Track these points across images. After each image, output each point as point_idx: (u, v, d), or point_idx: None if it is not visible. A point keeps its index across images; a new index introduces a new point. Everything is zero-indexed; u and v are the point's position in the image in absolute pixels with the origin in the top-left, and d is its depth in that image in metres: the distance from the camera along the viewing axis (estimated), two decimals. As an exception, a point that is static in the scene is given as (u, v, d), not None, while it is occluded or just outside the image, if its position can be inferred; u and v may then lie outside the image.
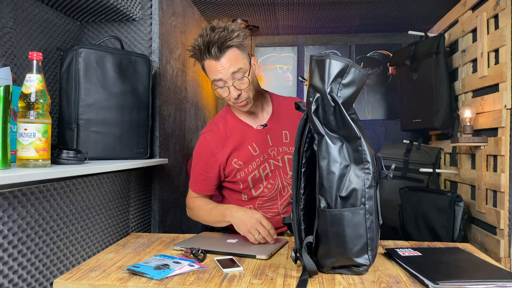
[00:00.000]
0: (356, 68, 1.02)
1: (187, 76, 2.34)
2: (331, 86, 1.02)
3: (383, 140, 3.16)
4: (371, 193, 1.03)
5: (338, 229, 1.02)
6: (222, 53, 1.32)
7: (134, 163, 1.49)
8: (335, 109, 1.02)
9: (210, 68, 1.36)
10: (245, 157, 1.48)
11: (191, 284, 1.02)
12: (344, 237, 1.02)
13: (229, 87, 1.36)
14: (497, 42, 1.76)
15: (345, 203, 1.02)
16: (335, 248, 1.03)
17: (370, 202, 1.02)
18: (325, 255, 1.06)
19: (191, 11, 2.44)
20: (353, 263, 1.05)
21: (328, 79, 1.02)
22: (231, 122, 1.51)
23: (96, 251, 1.33)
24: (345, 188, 1.02)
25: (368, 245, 1.03)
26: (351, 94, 1.04)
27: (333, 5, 2.51)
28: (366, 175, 1.02)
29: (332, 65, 1.01)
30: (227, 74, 1.33)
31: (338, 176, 1.02)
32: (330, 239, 1.03)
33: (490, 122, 1.82)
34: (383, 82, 3.18)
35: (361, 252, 1.03)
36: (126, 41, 1.82)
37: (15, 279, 0.96)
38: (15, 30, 1.43)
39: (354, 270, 1.07)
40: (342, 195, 1.02)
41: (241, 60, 1.35)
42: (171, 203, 2.03)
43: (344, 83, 1.02)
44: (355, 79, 1.03)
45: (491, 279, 1.01)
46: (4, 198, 0.93)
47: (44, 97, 1.06)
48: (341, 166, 1.03)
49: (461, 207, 1.97)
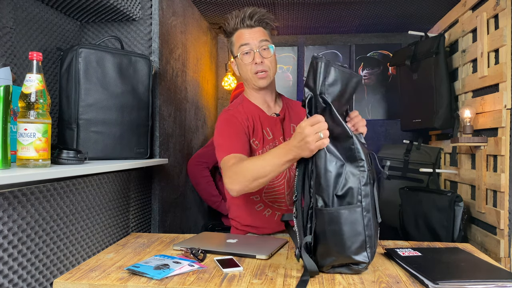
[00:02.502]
0: (334, 67, 1.06)
1: (187, 76, 2.34)
2: (321, 87, 1.06)
3: (383, 140, 3.16)
4: (367, 191, 1.04)
5: (335, 227, 1.03)
6: (255, 25, 1.49)
7: (134, 163, 1.49)
8: (326, 109, 1.06)
9: (240, 36, 1.49)
10: (262, 139, 1.52)
11: (191, 284, 1.02)
12: (342, 236, 1.03)
13: (254, 52, 1.47)
14: (497, 42, 1.76)
15: (341, 201, 1.04)
16: (334, 247, 1.04)
17: (366, 199, 1.04)
18: (324, 254, 1.07)
19: (191, 11, 2.44)
20: (352, 261, 1.05)
21: (319, 80, 1.06)
22: (248, 107, 1.56)
23: (96, 251, 1.33)
24: (341, 186, 1.04)
25: (367, 242, 1.04)
26: (338, 93, 1.08)
27: (333, 5, 2.51)
28: (361, 173, 1.04)
29: (322, 67, 1.06)
30: (255, 41, 1.47)
31: (335, 175, 1.04)
32: (328, 238, 1.04)
33: (490, 122, 1.82)
34: (383, 82, 3.18)
35: (360, 249, 1.04)
36: (126, 41, 1.82)
37: (15, 279, 0.96)
38: (15, 30, 1.43)
39: (354, 268, 1.08)
40: (338, 194, 1.04)
41: (268, 37, 1.51)
42: (171, 203, 2.03)
43: (328, 83, 1.06)
44: (337, 78, 1.07)
45: (491, 279, 1.01)
46: (4, 198, 0.93)
47: (44, 97, 1.06)
48: (337, 165, 1.05)
49: (461, 207, 1.97)
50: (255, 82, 1.50)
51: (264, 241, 1.40)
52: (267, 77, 1.50)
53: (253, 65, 1.48)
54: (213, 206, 2.49)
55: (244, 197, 1.52)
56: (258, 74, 1.48)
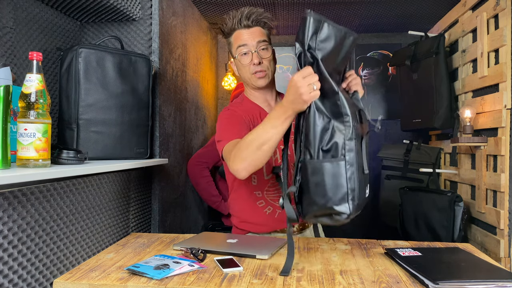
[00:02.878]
0: (329, 24, 1.08)
1: (187, 76, 2.34)
2: (309, 43, 1.07)
3: (383, 140, 3.16)
4: (352, 145, 1.06)
5: (318, 178, 1.06)
6: (253, 25, 1.48)
7: (134, 163, 1.49)
8: (314, 64, 1.08)
9: (238, 37, 1.49)
10: None
11: (191, 284, 1.02)
12: (324, 186, 1.05)
13: (252, 53, 1.47)
14: (497, 42, 1.76)
15: (326, 155, 1.07)
16: (316, 197, 1.07)
17: (350, 153, 1.06)
18: (308, 204, 1.10)
19: (191, 11, 2.44)
20: (334, 211, 1.07)
21: (307, 36, 1.07)
22: (248, 106, 1.56)
23: (96, 251, 1.33)
24: (327, 141, 1.06)
25: (349, 194, 1.05)
26: (331, 49, 1.09)
27: (333, 5, 2.51)
28: (347, 128, 1.06)
29: (311, 22, 1.07)
30: (253, 41, 1.47)
31: (321, 129, 1.07)
32: (311, 188, 1.07)
33: (490, 122, 1.82)
34: (383, 82, 3.18)
35: (342, 201, 1.06)
36: (126, 41, 1.82)
37: (15, 279, 0.96)
38: (15, 30, 1.43)
39: (335, 218, 1.09)
40: (324, 148, 1.06)
41: (266, 37, 1.51)
42: (171, 203, 2.03)
43: (320, 40, 1.07)
44: (330, 35, 1.08)
45: (491, 279, 1.01)
46: (4, 198, 0.93)
47: (44, 97, 1.06)
48: (324, 121, 1.07)
49: (461, 207, 1.97)
50: (254, 82, 1.52)
51: (264, 241, 1.40)
52: (266, 76, 1.51)
53: (252, 66, 1.48)
54: (213, 206, 2.50)
55: (247, 191, 1.53)
56: (257, 74, 1.49)
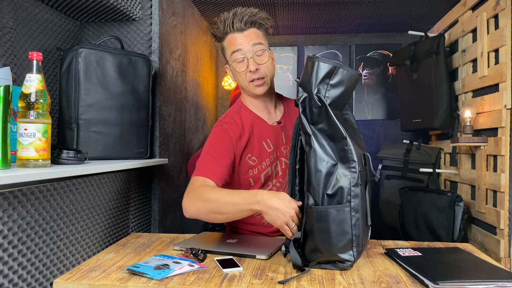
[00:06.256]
0: (344, 69, 1.07)
1: (187, 76, 2.34)
2: (318, 87, 1.06)
3: (383, 140, 3.16)
4: (357, 192, 1.05)
5: (323, 225, 1.05)
6: (247, 27, 1.36)
7: (134, 163, 1.49)
8: (322, 109, 1.07)
9: (231, 41, 1.38)
10: (260, 153, 1.43)
11: (191, 284, 1.02)
12: (329, 233, 1.05)
13: (248, 59, 1.35)
14: (497, 42, 1.76)
15: (331, 200, 1.05)
16: (321, 244, 1.07)
17: (356, 200, 1.05)
18: (312, 251, 1.10)
19: (191, 11, 2.44)
20: (338, 258, 1.08)
21: (316, 80, 1.06)
22: (246, 116, 1.45)
23: (96, 251, 1.33)
24: (331, 186, 1.05)
25: (353, 241, 1.05)
26: (340, 94, 1.08)
27: (333, 5, 2.51)
28: (352, 173, 1.05)
29: (320, 67, 1.06)
30: (248, 46, 1.35)
31: (325, 174, 1.06)
32: (316, 235, 1.06)
33: (490, 122, 1.82)
34: (383, 82, 3.18)
35: (346, 248, 1.06)
36: (126, 41, 1.82)
37: (15, 279, 0.96)
38: (15, 30, 1.43)
39: (339, 265, 1.10)
40: (328, 193, 1.05)
41: (262, 39, 1.39)
42: (171, 203, 2.03)
43: (332, 84, 1.07)
44: (343, 79, 1.07)
45: (491, 279, 1.01)
46: (4, 198, 0.93)
47: (44, 97, 1.06)
48: (328, 165, 1.06)
49: (461, 207, 1.97)
50: (252, 90, 1.40)
51: (264, 241, 1.40)
52: (264, 84, 1.39)
53: (248, 73, 1.36)
54: (213, 206, 2.49)
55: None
56: (254, 82, 1.38)
